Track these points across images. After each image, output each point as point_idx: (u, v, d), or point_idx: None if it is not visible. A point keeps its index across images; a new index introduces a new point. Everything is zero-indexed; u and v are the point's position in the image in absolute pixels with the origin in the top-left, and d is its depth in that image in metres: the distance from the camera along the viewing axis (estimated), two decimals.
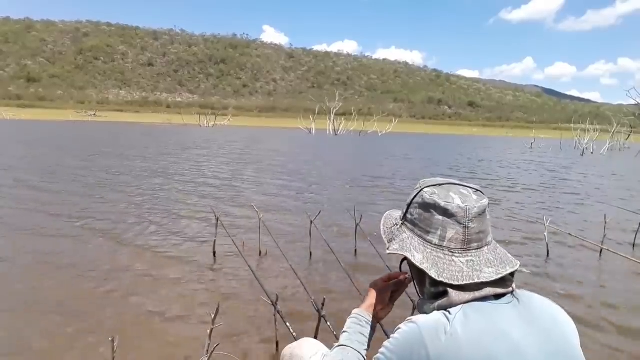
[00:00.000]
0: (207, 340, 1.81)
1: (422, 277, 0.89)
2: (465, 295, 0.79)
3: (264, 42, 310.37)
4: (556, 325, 0.81)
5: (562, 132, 42.88)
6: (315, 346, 1.31)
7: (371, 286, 1.13)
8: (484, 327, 0.76)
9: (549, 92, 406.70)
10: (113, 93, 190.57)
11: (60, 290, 3.20)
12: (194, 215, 5.81)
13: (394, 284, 1.12)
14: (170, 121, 63.84)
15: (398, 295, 1.13)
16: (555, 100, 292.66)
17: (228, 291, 3.32)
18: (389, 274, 1.14)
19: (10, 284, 3.31)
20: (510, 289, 0.83)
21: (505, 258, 0.85)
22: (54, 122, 48.07)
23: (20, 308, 2.90)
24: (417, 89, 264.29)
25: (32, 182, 7.86)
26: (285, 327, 2.24)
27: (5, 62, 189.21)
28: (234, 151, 17.71)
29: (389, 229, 0.97)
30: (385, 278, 1.13)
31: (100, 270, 3.65)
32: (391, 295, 1.12)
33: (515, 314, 0.79)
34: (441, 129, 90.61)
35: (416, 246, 0.87)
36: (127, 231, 4.87)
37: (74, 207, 5.92)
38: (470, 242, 0.84)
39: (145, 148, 17.08)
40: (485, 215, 0.86)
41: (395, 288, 1.12)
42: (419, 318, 0.80)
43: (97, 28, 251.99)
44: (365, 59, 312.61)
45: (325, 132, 45.53)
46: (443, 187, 0.89)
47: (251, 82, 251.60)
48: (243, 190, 8.00)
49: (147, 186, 7.99)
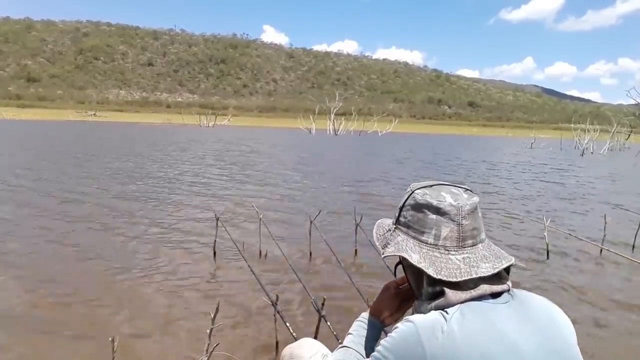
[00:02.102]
0: (207, 340, 1.81)
1: (419, 278, 0.89)
2: (462, 295, 0.80)
3: (264, 42, 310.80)
4: (553, 325, 0.81)
5: (562, 132, 42.81)
6: (314, 346, 1.31)
7: (383, 289, 1.11)
8: (481, 326, 0.76)
9: (549, 92, 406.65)
10: (113, 93, 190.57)
11: (60, 290, 3.21)
12: (193, 215, 5.81)
13: (405, 291, 1.08)
14: (170, 121, 63.81)
15: (409, 305, 1.09)
16: (555, 100, 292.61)
17: (228, 291, 3.33)
18: (404, 277, 1.07)
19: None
20: (506, 286, 0.83)
21: (500, 254, 0.86)
22: (54, 122, 48.04)
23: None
24: (417, 89, 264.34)
25: (25, 187, 7.86)
26: (285, 327, 2.24)
27: (5, 62, 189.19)
28: (234, 151, 17.70)
29: (382, 236, 0.97)
30: (399, 281, 1.10)
31: (99, 270, 3.65)
32: (400, 304, 1.09)
33: (512, 313, 0.79)
34: (441, 129, 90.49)
35: (412, 247, 0.88)
36: (126, 231, 4.87)
37: (74, 208, 5.93)
38: (465, 239, 0.85)
39: (145, 148, 17.07)
40: (477, 212, 0.87)
41: (406, 296, 1.08)
42: (416, 317, 0.80)
43: (97, 28, 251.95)
44: (365, 58, 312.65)
45: (325, 132, 45.50)
46: (434, 188, 0.90)
47: (251, 82, 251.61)
48: (243, 190, 8.00)
49: (147, 186, 7.99)
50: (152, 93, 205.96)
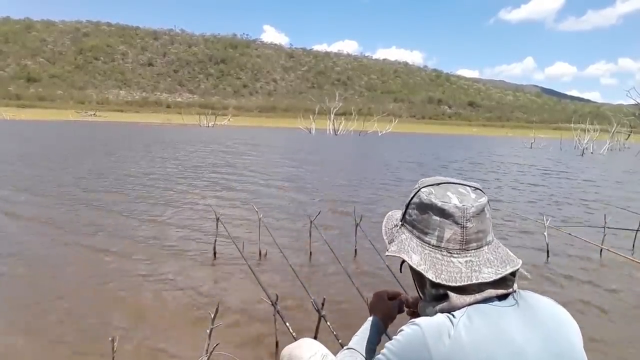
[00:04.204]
0: (207, 340, 1.81)
1: (422, 279, 0.88)
2: (466, 298, 0.79)
3: (264, 42, 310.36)
4: (560, 328, 0.80)
5: (562, 132, 42.84)
6: (314, 346, 1.31)
7: (376, 296, 1.15)
8: (488, 331, 0.75)
9: (549, 91, 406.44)
10: (113, 93, 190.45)
11: (59, 290, 3.20)
12: (193, 215, 5.81)
13: (397, 304, 1.13)
14: (170, 121, 63.77)
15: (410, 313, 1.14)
16: (555, 100, 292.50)
17: (228, 291, 3.33)
18: (399, 293, 1.15)
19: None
20: (511, 289, 0.81)
21: (506, 257, 0.84)
22: (54, 122, 48.03)
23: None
24: (417, 88, 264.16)
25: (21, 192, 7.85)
26: (285, 327, 2.24)
27: (5, 62, 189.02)
28: (234, 151, 17.70)
29: (389, 230, 0.96)
30: (395, 294, 1.15)
31: (98, 270, 3.65)
32: (392, 311, 1.14)
33: (519, 317, 0.78)
34: (441, 129, 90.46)
35: (414, 247, 0.86)
36: (125, 231, 4.87)
37: (71, 207, 5.93)
38: (468, 242, 0.82)
39: (144, 147, 17.06)
40: (484, 213, 0.84)
41: (399, 310, 1.14)
42: (421, 320, 0.79)
43: (97, 28, 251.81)
44: (365, 58, 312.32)
45: (325, 132, 45.49)
46: (440, 187, 0.88)
47: (251, 82, 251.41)
48: (243, 190, 8.00)
49: (146, 186, 7.99)
50: (152, 93, 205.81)
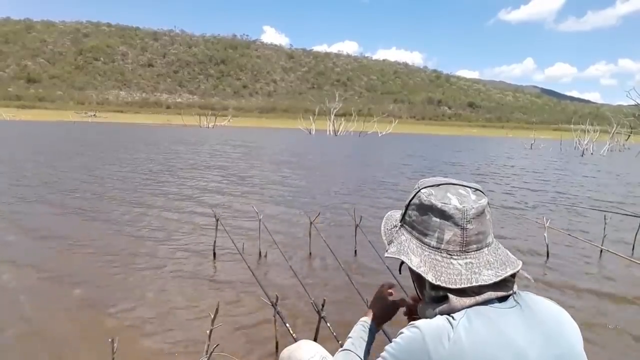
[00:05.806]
0: (207, 340, 1.81)
1: (421, 280, 0.87)
2: (466, 300, 0.78)
3: (264, 42, 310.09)
4: (561, 329, 0.80)
5: (562, 133, 42.88)
6: (313, 348, 1.31)
7: (378, 296, 1.13)
8: (488, 334, 0.74)
9: (549, 92, 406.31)
10: (113, 94, 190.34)
11: (58, 290, 3.20)
12: (193, 215, 5.81)
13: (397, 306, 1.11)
14: (170, 122, 63.81)
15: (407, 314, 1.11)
16: (555, 101, 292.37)
17: (228, 292, 3.33)
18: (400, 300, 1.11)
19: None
20: (511, 291, 0.81)
21: (506, 259, 0.83)
22: (53, 122, 48.02)
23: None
24: (417, 89, 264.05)
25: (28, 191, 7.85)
26: (285, 328, 2.23)
27: (5, 63, 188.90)
28: (234, 152, 17.71)
29: (388, 230, 0.95)
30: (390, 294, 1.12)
31: (98, 270, 3.65)
32: (390, 313, 1.11)
33: (520, 319, 0.78)
34: (441, 130, 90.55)
35: (414, 249, 0.86)
36: (125, 231, 4.87)
37: (71, 206, 5.92)
38: (468, 244, 0.82)
39: (144, 147, 17.06)
40: (484, 215, 0.83)
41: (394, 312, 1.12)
42: (421, 323, 0.78)
43: (97, 28, 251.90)
44: (365, 59, 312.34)
45: (325, 133, 45.53)
46: (441, 188, 0.86)
47: (251, 83, 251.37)
48: (243, 191, 8.00)
49: (147, 186, 7.99)
50: (152, 94, 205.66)
